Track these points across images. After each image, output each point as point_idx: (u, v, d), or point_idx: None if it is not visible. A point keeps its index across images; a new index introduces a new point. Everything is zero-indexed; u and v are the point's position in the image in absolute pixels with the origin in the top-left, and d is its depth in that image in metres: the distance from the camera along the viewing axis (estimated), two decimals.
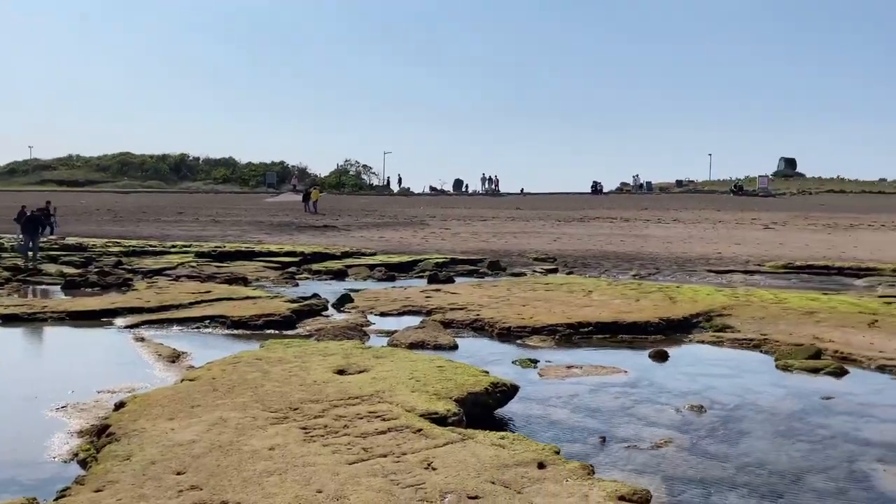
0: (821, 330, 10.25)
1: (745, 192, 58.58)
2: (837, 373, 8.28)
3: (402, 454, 4.66)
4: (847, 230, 33.06)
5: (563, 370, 8.30)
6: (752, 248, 25.88)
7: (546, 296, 13.21)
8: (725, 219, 39.69)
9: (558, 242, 28.28)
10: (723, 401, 7.17)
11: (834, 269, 19.98)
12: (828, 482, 5.10)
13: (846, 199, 51.63)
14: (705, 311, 11.45)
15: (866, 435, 6.14)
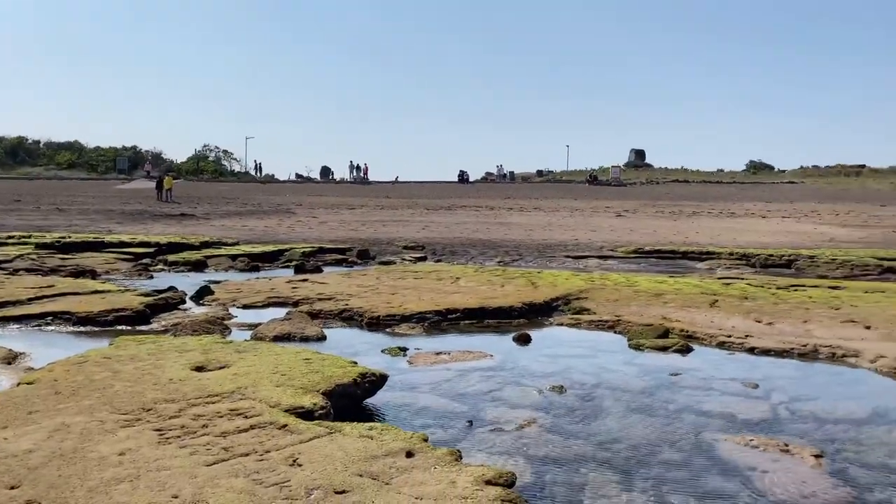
0: (668, 310, 10.98)
1: (599, 182, 61.76)
2: (683, 350, 8.91)
3: (265, 452, 4.48)
4: (690, 217, 35.72)
5: (432, 357, 8.36)
6: (606, 234, 27.35)
7: (415, 283, 13.27)
8: (582, 207, 41.69)
9: (427, 230, 28.51)
10: (581, 380, 7.50)
11: (679, 254, 21.51)
12: (676, 453, 5.45)
13: (689, 189, 55.70)
14: (564, 295, 11.94)
15: (709, 407, 6.63)
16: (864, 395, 7.09)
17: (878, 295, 12.65)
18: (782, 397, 6.96)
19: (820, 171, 69.65)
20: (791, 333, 9.59)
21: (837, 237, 26.54)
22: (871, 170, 68.92)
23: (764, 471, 5.07)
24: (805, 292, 12.73)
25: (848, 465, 5.19)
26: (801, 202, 45.49)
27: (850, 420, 6.28)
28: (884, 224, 32.34)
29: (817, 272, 18.13)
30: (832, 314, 10.67)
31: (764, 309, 11.01)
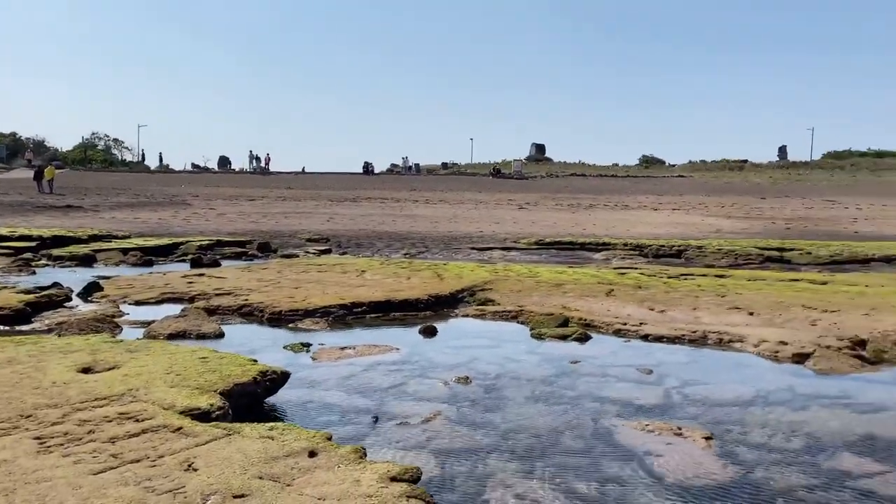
0: (568, 300, 11.27)
1: (502, 175, 62.81)
2: (582, 338, 9.17)
3: (158, 457, 4.25)
4: (587, 209, 36.90)
5: (337, 352, 8.22)
6: (509, 226, 27.83)
7: (319, 277, 13.02)
8: (486, 199, 42.27)
9: (331, 223, 28.09)
10: (486, 371, 7.58)
11: (577, 245, 22.17)
12: (577, 440, 5.59)
13: (586, 182, 57.50)
14: (470, 287, 12.05)
15: (607, 394, 6.84)
16: (749, 379, 7.51)
17: (761, 283, 13.47)
18: (674, 382, 7.28)
19: (707, 166, 73.56)
20: (682, 320, 10.06)
21: (723, 228, 28.11)
22: (753, 164, 73.49)
23: (659, 454, 5.27)
24: (694, 281, 13.40)
25: (735, 446, 5.48)
26: (690, 195, 47.92)
27: (736, 402, 6.64)
28: (764, 216, 34.53)
29: (705, 261, 19.14)
30: (719, 301, 11.26)
31: (656, 297, 11.49)
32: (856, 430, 5.82)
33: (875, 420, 6.11)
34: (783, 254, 19.90)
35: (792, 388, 7.10)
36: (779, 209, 37.69)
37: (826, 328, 9.38)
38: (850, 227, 28.62)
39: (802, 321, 9.85)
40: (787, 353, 8.34)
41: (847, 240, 23.46)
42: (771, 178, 63.56)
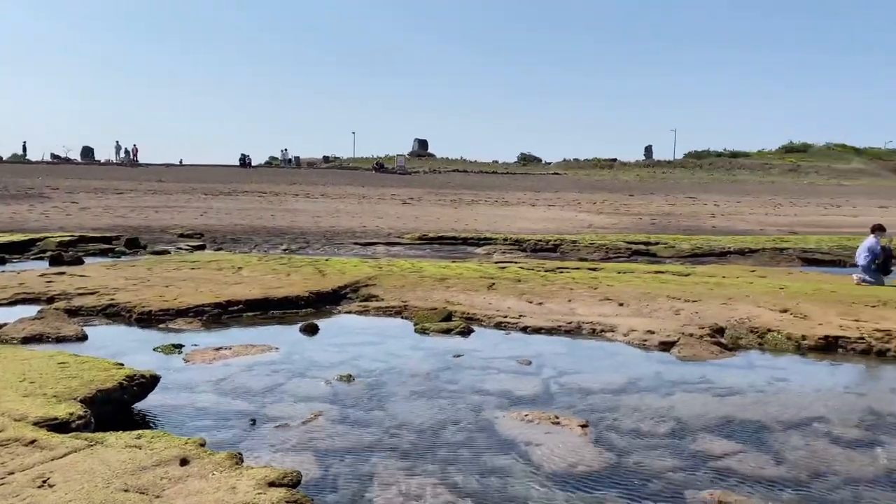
0: (451, 294, 11.39)
1: (385, 170, 62.65)
2: (465, 332, 9.29)
3: (8, 474, 3.88)
4: (469, 205, 37.51)
5: (212, 353, 7.87)
6: (392, 221, 27.79)
7: (192, 274, 12.43)
8: (369, 194, 42.00)
9: (206, 217, 26.92)
10: (370, 368, 7.50)
11: (460, 240, 22.48)
12: (459, 434, 5.64)
13: (468, 178, 58.41)
14: (353, 283, 11.90)
15: (489, 386, 6.96)
16: (620, 366, 7.88)
17: (629, 275, 14.18)
18: (552, 372, 7.52)
19: (580, 164, 76.73)
20: (558, 312, 10.41)
21: (595, 223, 29.41)
22: (622, 163, 77.42)
23: (538, 444, 5.42)
24: (569, 274, 13.91)
25: (609, 433, 5.72)
26: (565, 192, 49.82)
27: (609, 390, 6.94)
28: (632, 212, 36.44)
29: (579, 255, 19.95)
30: (592, 293, 11.75)
31: (535, 290, 11.83)
32: (716, 413, 6.23)
33: (732, 402, 6.57)
34: (649, 247, 21.07)
35: (659, 375, 7.51)
36: (645, 205, 39.91)
37: (689, 317, 10.00)
38: (708, 223, 30.72)
39: (667, 311, 10.45)
40: (655, 342, 8.82)
41: (706, 234, 25.18)
42: (638, 176, 67.20)
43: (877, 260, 13.72)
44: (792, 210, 38.62)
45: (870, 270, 13.75)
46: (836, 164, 72.74)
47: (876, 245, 13.78)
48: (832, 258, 19.60)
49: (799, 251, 20.49)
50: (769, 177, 66.81)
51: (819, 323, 9.49)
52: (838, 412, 6.28)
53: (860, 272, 13.89)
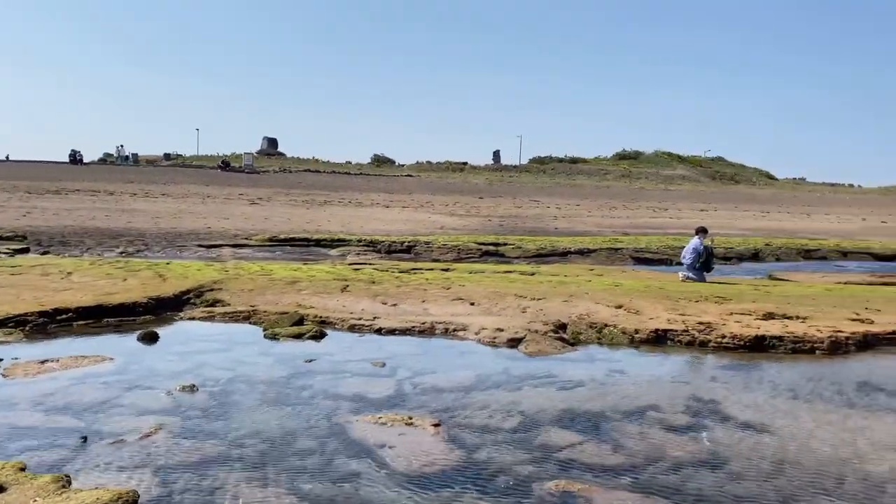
0: (303, 297, 11.14)
1: (232, 168, 60.27)
2: (318, 336, 9.11)
3: None
4: (322, 206, 36.95)
5: (36, 366, 7.16)
6: (240, 222, 26.77)
7: (13, 280, 11.27)
8: (214, 194, 40.20)
9: (29, 218, 24.56)
10: (215, 377, 7.16)
11: (312, 241, 22.09)
12: (311, 440, 5.51)
13: (320, 178, 57.56)
14: (197, 287, 11.32)
15: (342, 390, 6.87)
16: (472, 365, 8.07)
17: (480, 275, 14.58)
18: (406, 373, 7.55)
19: (432, 167, 78.01)
20: (412, 313, 10.49)
21: (447, 225, 30.00)
22: (472, 167, 79.65)
23: (392, 446, 5.41)
24: (423, 275, 14.07)
25: (461, 430, 5.83)
26: (418, 193, 50.42)
27: (461, 388, 7.08)
28: (482, 213, 37.56)
29: (432, 256, 20.26)
30: (445, 293, 11.95)
31: (389, 292, 11.85)
32: (560, 406, 6.54)
33: (574, 395, 6.93)
34: (499, 248, 21.81)
35: (508, 371, 7.77)
36: (494, 208, 41.28)
37: (534, 314, 10.44)
38: (551, 225, 32.32)
39: (515, 309, 10.85)
40: (504, 339, 9.13)
41: (550, 235, 26.46)
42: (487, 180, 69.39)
43: (701, 258, 15.08)
44: (625, 213, 41.50)
45: (694, 268, 15.07)
46: (663, 170, 79.10)
47: (700, 245, 15.13)
48: (661, 257, 21.27)
49: (632, 251, 22.05)
50: (605, 182, 71.39)
51: (650, 317, 10.24)
52: (668, 400, 6.80)
53: (685, 270, 15.18)
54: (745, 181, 79.97)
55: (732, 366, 8.37)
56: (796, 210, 48.94)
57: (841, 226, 37.53)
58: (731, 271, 19.01)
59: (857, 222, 40.44)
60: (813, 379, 7.71)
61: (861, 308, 11.21)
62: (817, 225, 37.60)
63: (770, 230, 32.56)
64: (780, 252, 23.88)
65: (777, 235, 29.28)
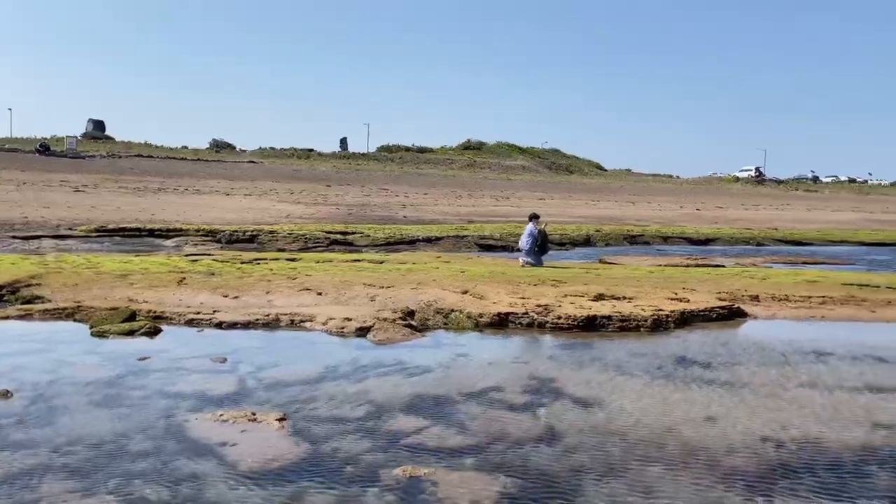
0: (135, 291, 10.44)
1: (52, 152, 55.14)
2: (152, 332, 8.59)
3: None
4: (156, 193, 34.75)
5: None
6: (62, 211, 24.59)
7: None
8: (32, 180, 36.59)
9: None
10: (33, 380, 6.54)
11: (145, 231, 20.73)
12: (146, 443, 5.19)
13: (154, 164, 54.13)
14: (11, 283, 10.28)
15: (179, 388, 6.52)
16: (319, 356, 7.96)
17: (328, 264, 14.40)
18: (249, 368, 7.31)
19: (276, 153, 75.69)
20: (256, 305, 10.17)
21: (293, 213, 29.31)
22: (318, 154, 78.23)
23: (234, 443, 5.22)
24: (267, 265, 13.67)
25: (307, 423, 5.73)
26: (261, 181, 48.73)
27: (308, 380, 6.96)
28: (329, 202, 37.05)
29: (277, 246, 19.72)
30: (290, 284, 11.68)
31: (230, 283, 11.40)
32: (407, 392, 6.62)
33: (421, 381, 7.04)
34: (347, 237, 21.65)
35: (356, 360, 7.74)
36: (342, 196, 40.86)
37: (383, 302, 10.49)
38: (400, 213, 32.54)
39: (364, 298, 10.84)
40: (352, 328, 9.09)
41: (398, 224, 26.66)
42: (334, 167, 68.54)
43: (537, 242, 15.83)
44: (470, 201, 42.69)
45: (531, 253, 15.79)
46: (505, 160, 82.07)
47: (534, 230, 15.86)
48: (503, 244, 22.11)
49: (477, 238, 22.74)
50: (451, 171, 72.90)
51: (493, 302, 10.62)
52: (509, 380, 7.10)
53: (524, 255, 15.88)
54: (578, 171, 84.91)
55: (567, 345, 8.88)
56: (623, 199, 52.72)
57: (662, 213, 40.94)
58: (566, 256, 20.16)
59: (676, 210, 44.26)
60: (638, 355, 8.37)
61: (679, 288, 12.31)
62: (642, 212, 40.74)
63: (600, 217, 34.83)
64: (609, 238, 25.64)
65: (606, 222, 31.39)
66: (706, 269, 16.40)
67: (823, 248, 26.01)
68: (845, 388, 7.08)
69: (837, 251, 25.00)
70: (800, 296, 12.08)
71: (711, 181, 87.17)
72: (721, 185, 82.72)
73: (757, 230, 30.90)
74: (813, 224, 36.60)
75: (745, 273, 15.17)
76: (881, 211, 51.76)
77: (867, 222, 40.23)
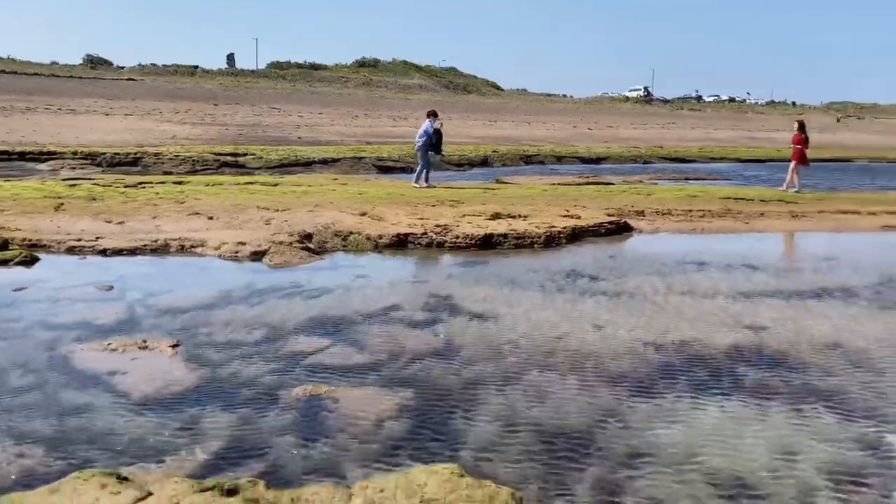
0: (6, 219, 9.73)
1: None
2: (28, 261, 8.07)
3: None
4: (24, 113, 31.98)
5: None
6: None
7: None
8: None
9: None
10: None
11: (15, 155, 19.15)
12: (27, 377, 4.94)
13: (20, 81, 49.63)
14: None
15: (62, 319, 6.20)
16: (213, 281, 7.74)
17: (218, 188, 13.87)
18: (138, 295, 7.03)
19: (158, 70, 70.90)
20: (142, 231, 9.70)
21: (179, 134, 27.78)
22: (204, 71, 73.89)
23: (125, 372, 5.05)
24: (153, 189, 13.01)
25: (202, 349, 5.61)
26: (143, 100, 45.68)
27: (201, 306, 6.77)
28: (218, 122, 35.32)
29: (163, 169, 18.73)
30: (179, 208, 11.21)
31: (114, 209, 10.80)
32: (306, 314, 6.58)
33: (321, 303, 7.01)
34: (238, 159, 20.82)
35: (252, 285, 7.59)
36: (231, 115, 39.00)
37: (279, 226, 10.26)
38: (294, 134, 31.51)
39: (258, 221, 10.56)
40: (247, 253, 8.87)
41: (292, 145, 25.84)
42: (222, 85, 65.07)
43: (432, 140, 15.66)
44: (367, 122, 41.87)
45: (423, 151, 15.61)
46: (402, 79, 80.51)
47: (430, 128, 15.67)
48: (402, 165, 21.95)
49: (374, 160, 22.44)
50: (346, 89, 70.92)
51: (392, 223, 10.61)
52: (409, 299, 7.18)
53: (415, 180, 15.72)
54: (475, 91, 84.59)
55: (465, 263, 9.05)
56: (520, 119, 53.17)
57: (556, 133, 41.69)
58: (464, 176, 20.29)
59: (570, 130, 45.15)
60: (532, 270, 8.65)
61: (571, 206, 12.71)
62: (537, 132, 41.33)
63: (497, 138, 35.10)
64: (506, 158, 25.97)
65: (503, 143, 31.69)
66: (597, 186, 16.98)
67: (705, 165, 27.45)
68: (720, 295, 7.63)
69: (717, 167, 26.47)
70: (681, 210, 12.77)
71: (603, 101, 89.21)
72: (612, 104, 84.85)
73: (644, 148, 32.10)
74: (696, 142, 38.37)
75: (632, 190, 15.83)
76: (757, 129, 54.83)
77: (744, 139, 42.59)
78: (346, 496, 3.00)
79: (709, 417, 4.59)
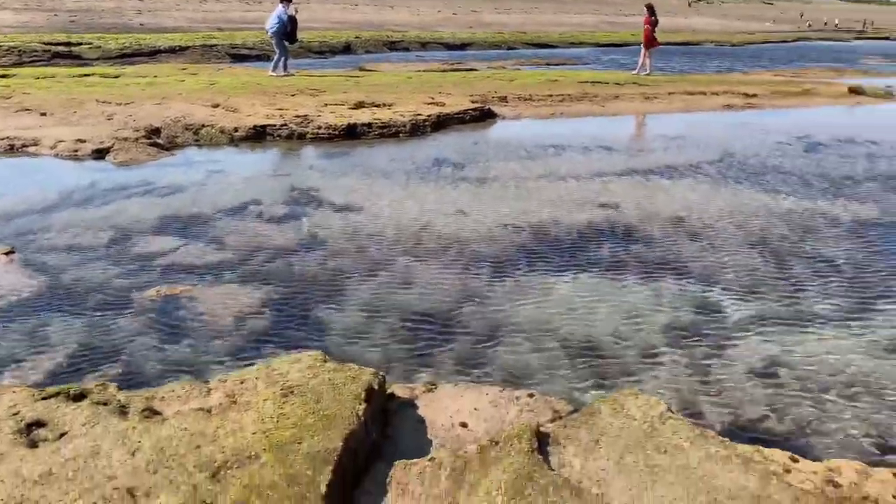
0: None
1: None
2: None
3: None
4: None
5: None
6: None
7: None
8: None
9: None
10: None
11: None
12: None
13: None
14: None
15: None
16: (50, 183, 7.10)
17: (51, 80, 12.54)
18: None
19: None
20: None
21: (1, 22, 24.60)
22: None
23: None
24: None
25: (41, 255, 5.19)
26: None
27: (38, 210, 6.22)
28: (45, 7, 31.50)
29: None
30: (6, 104, 10.08)
31: None
32: (157, 213, 6.21)
33: (173, 201, 6.63)
34: (72, 49, 18.82)
35: (95, 185, 7.04)
36: (60, 1, 34.83)
37: (122, 121, 9.47)
38: (135, 20, 28.74)
39: (98, 116, 9.69)
40: (87, 150, 8.18)
41: (134, 33, 23.60)
42: None
43: (286, 28, 14.69)
44: (218, 6, 38.79)
45: (279, 38, 14.71)
46: None
47: (283, 14, 14.68)
48: (258, 53, 20.70)
49: (228, 48, 21.00)
50: None
51: (248, 115, 10.07)
52: (269, 194, 6.93)
53: (272, 69, 14.87)
54: None
55: (328, 154, 8.81)
56: (382, 3, 51.12)
57: (421, 18, 40.54)
58: (326, 64, 19.46)
59: (434, 14, 44.03)
60: (397, 159, 8.56)
61: (436, 93, 12.57)
62: (401, 17, 40.01)
63: (359, 23, 33.70)
64: (369, 44, 25.08)
65: (366, 28, 30.50)
66: (461, 73, 16.84)
67: (565, 51, 27.83)
68: (577, 177, 7.92)
69: (577, 52, 26.92)
70: (543, 95, 12.97)
71: None
72: None
73: (508, 34, 32.00)
74: (559, 27, 38.67)
75: (495, 76, 15.84)
76: (615, 14, 55.90)
77: (603, 24, 43.38)
78: (205, 391, 2.94)
79: (564, 291, 4.85)
